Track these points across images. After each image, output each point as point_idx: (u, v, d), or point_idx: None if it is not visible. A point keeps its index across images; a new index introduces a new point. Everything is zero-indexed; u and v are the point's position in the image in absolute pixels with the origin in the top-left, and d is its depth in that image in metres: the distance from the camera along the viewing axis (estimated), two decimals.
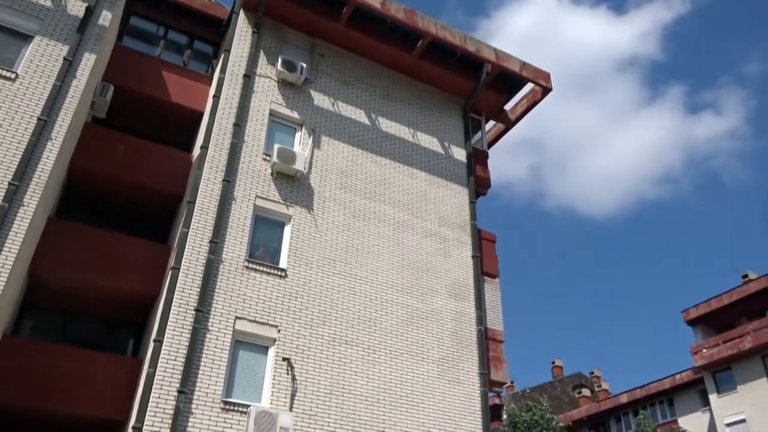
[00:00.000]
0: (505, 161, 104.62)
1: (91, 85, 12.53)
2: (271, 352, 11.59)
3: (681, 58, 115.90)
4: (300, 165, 13.26)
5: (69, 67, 11.90)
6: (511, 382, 45.86)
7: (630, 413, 38.85)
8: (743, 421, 31.70)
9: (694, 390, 35.84)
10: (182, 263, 11.36)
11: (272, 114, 14.08)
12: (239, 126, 13.28)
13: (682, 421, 34.84)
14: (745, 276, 34.85)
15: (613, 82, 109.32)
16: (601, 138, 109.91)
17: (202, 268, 11.47)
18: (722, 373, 33.56)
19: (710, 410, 33.91)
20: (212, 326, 11.13)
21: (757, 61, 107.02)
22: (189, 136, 14.97)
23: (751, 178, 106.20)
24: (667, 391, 37.33)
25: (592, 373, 49.62)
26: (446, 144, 16.38)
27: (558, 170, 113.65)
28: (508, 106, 18.00)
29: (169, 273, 11.42)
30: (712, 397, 33.66)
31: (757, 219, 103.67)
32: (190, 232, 11.73)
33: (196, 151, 13.34)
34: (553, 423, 26.93)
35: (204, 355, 10.81)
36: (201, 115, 14.53)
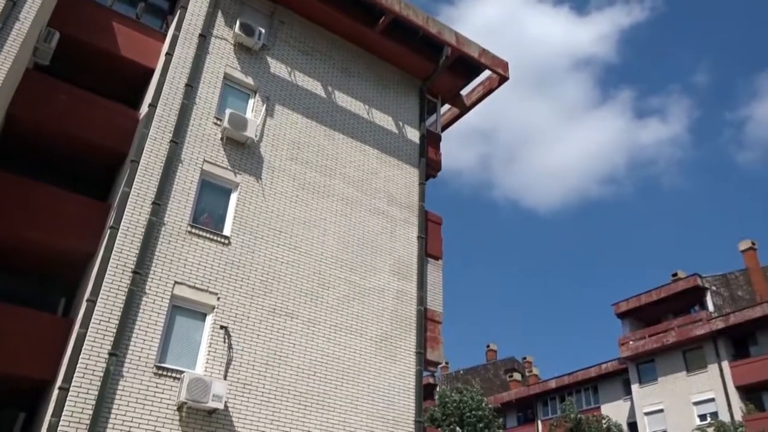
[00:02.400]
0: (456, 149, 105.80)
1: (34, 30, 11.88)
2: (209, 319, 11.44)
3: (634, 62, 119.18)
4: (251, 132, 13.01)
5: (12, 8, 11.24)
6: (446, 363, 46.85)
7: (557, 398, 40.40)
8: (661, 411, 33.46)
9: (618, 379, 37.53)
10: (122, 223, 11.03)
11: (226, 78, 13.72)
12: (191, 87, 12.90)
13: (605, 408, 36.48)
14: (675, 274, 36.46)
15: (568, 81, 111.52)
16: (551, 134, 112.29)
17: (143, 230, 11.17)
18: (645, 365, 35.24)
19: (631, 399, 35.62)
20: (149, 289, 10.88)
21: (705, 72, 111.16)
22: (137, 93, 14.43)
23: (688, 185, 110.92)
24: (593, 379, 38.97)
25: (525, 358, 51.22)
26: (400, 123, 16.38)
27: (507, 162, 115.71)
28: (464, 92, 18.13)
29: (108, 232, 11.07)
30: (634, 387, 35.34)
31: (690, 223, 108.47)
32: (132, 192, 11.38)
33: (144, 109, 12.90)
34: (483, 404, 27.71)
35: (139, 319, 10.57)
36: (152, 72, 14.00)
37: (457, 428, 26.80)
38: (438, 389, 37.66)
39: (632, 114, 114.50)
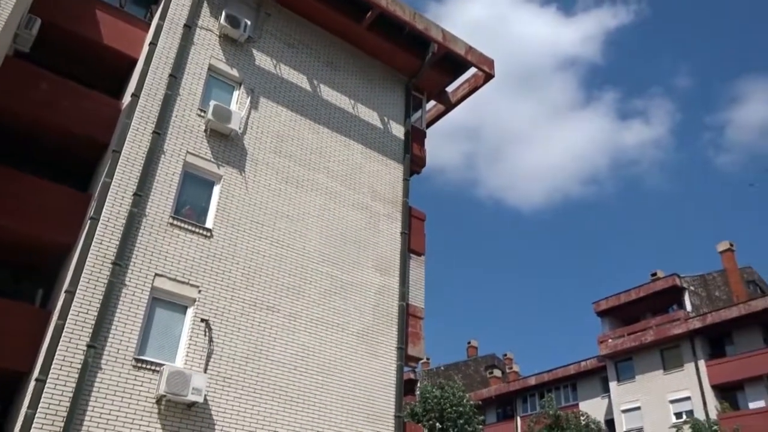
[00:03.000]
0: (441, 146, 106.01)
1: (15, 16, 11.65)
2: (190, 312, 11.37)
3: (618, 64, 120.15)
4: (235, 125, 12.93)
5: None
6: (427, 359, 47.04)
7: (536, 395, 40.71)
8: (638, 408, 33.87)
9: (596, 377, 37.92)
10: (102, 214, 10.91)
11: (211, 69, 13.61)
12: (175, 77, 12.77)
13: (583, 405, 36.84)
14: (654, 274, 36.87)
15: (553, 81, 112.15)
16: (536, 133, 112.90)
17: (123, 221, 11.05)
18: (624, 363, 35.64)
19: (609, 397, 36.02)
20: (129, 281, 10.78)
21: (686, 76, 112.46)
22: (120, 82, 14.26)
23: (668, 187, 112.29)
24: (572, 377, 39.34)
25: (505, 355, 51.55)
26: (386, 119, 16.37)
27: (492, 161, 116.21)
28: (450, 88, 18.17)
29: (88, 223, 10.94)
30: (612, 385, 35.73)
31: (670, 224, 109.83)
32: (113, 183, 11.25)
33: (127, 99, 12.75)
34: (464, 401, 27.86)
35: (119, 311, 10.47)
36: (135, 61, 13.84)
37: (437, 424, 26.95)
38: (419, 385, 37.78)
39: (615, 115, 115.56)
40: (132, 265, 10.92)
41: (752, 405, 29.78)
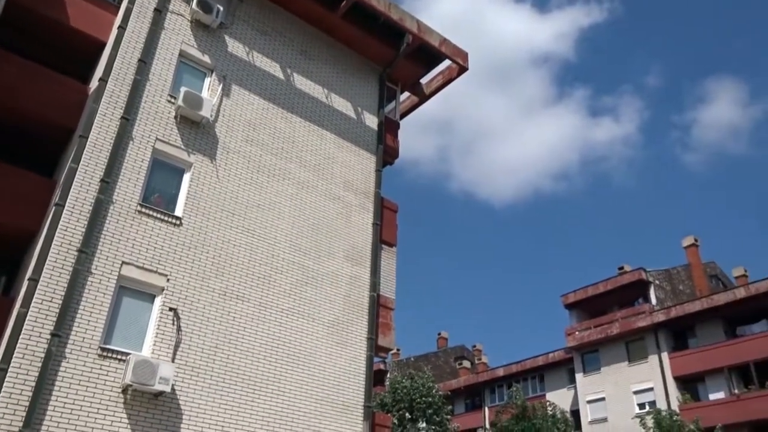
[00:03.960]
0: (414, 139, 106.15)
1: None
2: (158, 301, 11.22)
3: (590, 62, 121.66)
4: (207, 112, 12.75)
5: None
6: (398, 350, 47.27)
7: (504, 386, 41.23)
8: (603, 399, 34.57)
9: (563, 368, 38.55)
10: (68, 200, 10.66)
11: (182, 55, 13.37)
12: (144, 62, 12.52)
13: (550, 396, 37.43)
14: (621, 268, 37.52)
15: (526, 77, 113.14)
16: (508, 128, 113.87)
17: (90, 208, 10.82)
18: (590, 355, 36.29)
19: (575, 388, 36.66)
20: (96, 269, 10.58)
21: (656, 75, 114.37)
22: (87, 66, 13.93)
23: (636, 183, 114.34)
24: (540, 368, 39.94)
25: (474, 346, 52.06)
26: (359, 109, 16.31)
27: (464, 154, 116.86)
28: (424, 80, 18.17)
29: (52, 209, 10.70)
30: (579, 376, 36.38)
31: (637, 220, 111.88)
32: (79, 169, 11.00)
33: (94, 84, 12.46)
34: (433, 391, 28.10)
35: (84, 299, 10.27)
36: (103, 45, 13.52)
37: (407, 414, 27.14)
38: (389, 376, 37.96)
39: (587, 112, 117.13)
40: (98, 252, 10.72)
41: (712, 396, 30.64)
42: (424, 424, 27.51)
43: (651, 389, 32.55)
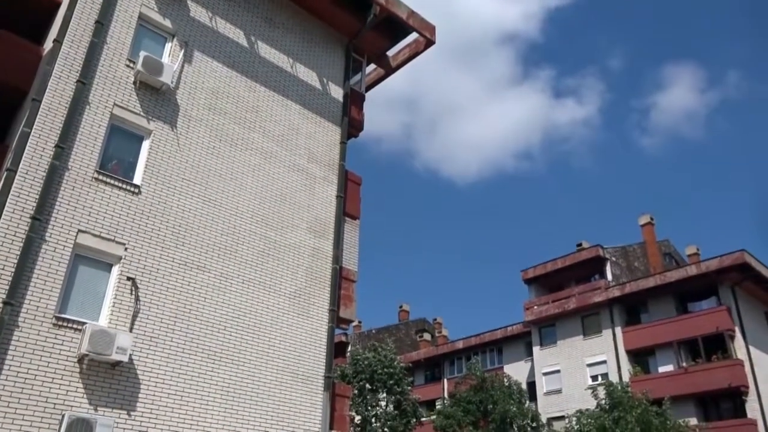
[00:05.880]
0: (380, 115, 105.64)
1: None
2: (116, 270, 11.01)
3: (556, 42, 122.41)
4: (167, 78, 12.41)
5: None
6: (359, 322, 47.60)
7: (463, 358, 42.05)
8: (558, 371, 35.60)
9: (521, 341, 39.49)
10: (20, 166, 10.31)
11: (141, 18, 12.94)
12: (102, 24, 12.08)
13: (507, 368, 38.36)
14: (580, 245, 38.40)
15: (493, 55, 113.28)
16: (473, 107, 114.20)
17: (44, 174, 10.49)
18: (547, 329, 37.23)
19: (532, 360, 37.64)
20: (50, 237, 10.31)
21: (619, 57, 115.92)
22: (41, 27, 13.39)
23: (594, 165, 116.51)
24: (498, 341, 40.82)
25: (435, 319, 52.83)
26: (324, 80, 16.11)
27: (428, 132, 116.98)
28: (390, 53, 18.03)
29: (4, 174, 10.34)
30: (536, 349, 37.33)
31: (596, 199, 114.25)
32: (32, 133, 10.62)
33: (49, 45, 11.99)
34: (395, 363, 28.48)
35: (38, 267, 10.02)
36: (58, 5, 13.00)
37: (367, 385, 27.49)
38: (350, 348, 38.28)
39: (551, 93, 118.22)
40: (53, 220, 10.43)
41: (661, 369, 31.86)
42: (384, 395, 27.95)
43: (604, 362, 33.63)
